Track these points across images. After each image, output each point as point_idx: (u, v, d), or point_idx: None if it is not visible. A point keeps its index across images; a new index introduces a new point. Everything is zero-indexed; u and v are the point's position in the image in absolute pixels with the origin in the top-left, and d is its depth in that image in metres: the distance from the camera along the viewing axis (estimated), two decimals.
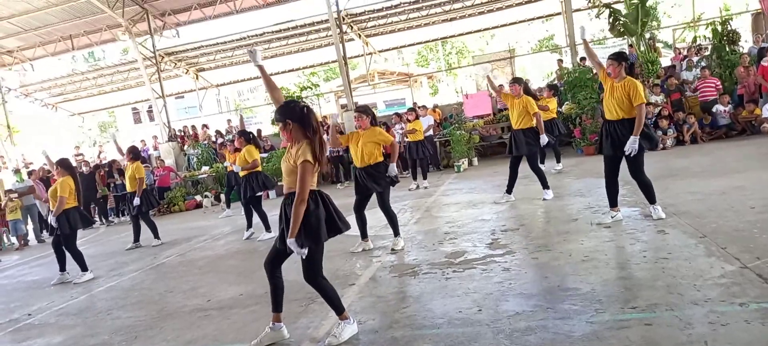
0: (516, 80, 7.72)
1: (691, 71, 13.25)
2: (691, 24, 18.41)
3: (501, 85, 12.33)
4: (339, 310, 3.52)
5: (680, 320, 3.04)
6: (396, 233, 5.82)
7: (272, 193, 13.28)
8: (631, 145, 5.13)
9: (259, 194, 8.24)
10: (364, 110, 5.84)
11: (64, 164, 7.09)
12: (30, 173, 13.63)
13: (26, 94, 22.76)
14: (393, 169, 5.69)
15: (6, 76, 21.03)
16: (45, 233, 12.57)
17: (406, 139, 11.32)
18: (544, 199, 7.25)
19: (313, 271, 3.46)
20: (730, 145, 10.15)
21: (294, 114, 3.43)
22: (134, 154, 9.04)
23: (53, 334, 4.81)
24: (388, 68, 27.08)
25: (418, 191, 10.38)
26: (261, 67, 3.84)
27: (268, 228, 7.87)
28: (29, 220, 13.03)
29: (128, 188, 8.94)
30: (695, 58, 13.68)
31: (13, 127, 21.12)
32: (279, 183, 11.16)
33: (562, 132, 10.57)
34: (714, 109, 11.65)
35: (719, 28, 13.68)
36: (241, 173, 8.13)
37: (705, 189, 6.42)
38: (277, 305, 3.65)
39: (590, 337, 3.00)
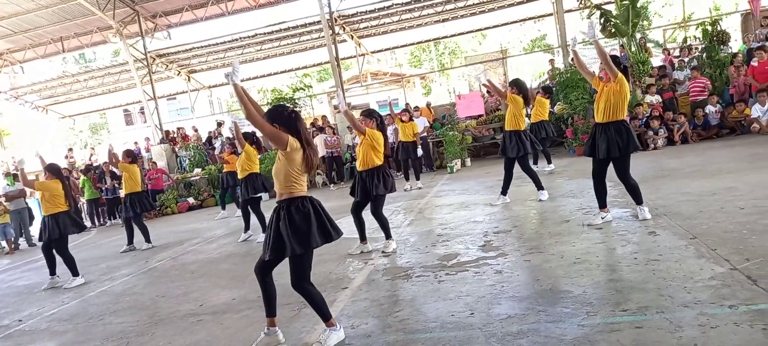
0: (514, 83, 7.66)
1: (682, 71, 13.34)
2: (682, 24, 18.57)
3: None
4: (326, 317, 3.52)
5: (670, 322, 3.05)
6: (388, 236, 5.86)
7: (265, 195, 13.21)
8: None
9: (259, 195, 8.19)
10: (369, 114, 5.88)
11: (52, 169, 7.06)
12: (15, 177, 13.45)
13: (16, 97, 22.60)
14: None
15: None
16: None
17: (396, 140, 11.31)
18: (540, 200, 7.28)
19: (300, 277, 3.45)
20: (720, 146, 10.22)
21: (282, 118, 3.46)
22: (132, 157, 9.04)
23: (44, 340, 4.78)
24: (381, 69, 27.16)
25: (411, 192, 10.39)
26: (236, 87, 3.37)
27: (265, 230, 7.82)
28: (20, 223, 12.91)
29: (124, 191, 8.89)
30: (686, 59, 13.77)
31: (3, 130, 20.98)
32: None
33: (552, 135, 10.58)
34: (706, 110, 11.73)
35: (709, 28, 13.79)
36: (240, 175, 8.09)
37: (696, 190, 6.45)
38: (270, 310, 3.64)
39: (582, 340, 3.02)
